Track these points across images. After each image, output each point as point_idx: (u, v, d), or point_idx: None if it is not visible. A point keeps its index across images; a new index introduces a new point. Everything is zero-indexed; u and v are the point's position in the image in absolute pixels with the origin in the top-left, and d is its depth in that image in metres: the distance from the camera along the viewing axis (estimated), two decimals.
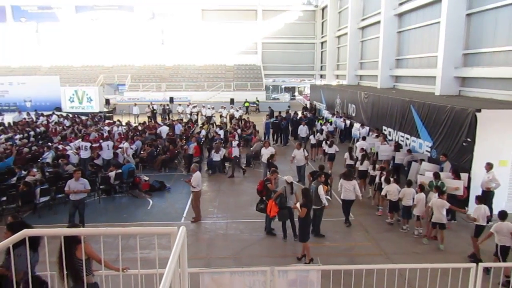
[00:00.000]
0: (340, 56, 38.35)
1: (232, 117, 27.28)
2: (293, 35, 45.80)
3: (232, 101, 34.45)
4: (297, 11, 45.49)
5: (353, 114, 22.17)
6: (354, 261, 8.42)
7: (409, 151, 13.50)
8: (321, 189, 9.44)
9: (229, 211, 11.59)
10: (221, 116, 28.04)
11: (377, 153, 14.93)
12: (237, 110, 27.93)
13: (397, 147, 14.19)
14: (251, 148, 17.67)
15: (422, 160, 12.59)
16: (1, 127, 22.32)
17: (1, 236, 4.88)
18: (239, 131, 20.48)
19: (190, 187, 10.71)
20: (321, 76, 45.77)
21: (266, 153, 14.26)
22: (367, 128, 18.43)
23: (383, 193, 10.55)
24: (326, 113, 26.65)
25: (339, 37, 37.96)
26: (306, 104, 38.13)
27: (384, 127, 17.43)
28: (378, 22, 25.77)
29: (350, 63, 32.42)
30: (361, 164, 13.15)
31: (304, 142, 18.46)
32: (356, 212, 11.29)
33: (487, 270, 6.36)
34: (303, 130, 19.62)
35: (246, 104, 33.61)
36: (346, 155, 14.02)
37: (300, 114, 25.56)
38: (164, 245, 8.06)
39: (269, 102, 38.09)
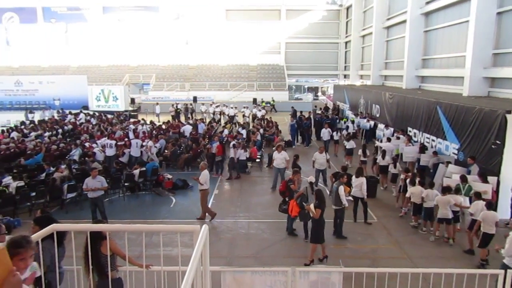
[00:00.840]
0: (364, 56, 37.85)
1: (254, 116, 27.33)
2: (316, 35, 45.47)
3: (254, 100, 34.52)
4: (321, 11, 45.14)
5: (377, 115, 21.85)
6: (377, 264, 8.30)
7: (435, 153, 13.20)
8: (341, 190, 9.37)
9: (250, 210, 11.62)
10: (243, 115, 28.12)
11: (401, 155, 14.68)
12: (260, 110, 27.95)
13: (422, 148, 13.90)
14: (273, 148, 17.63)
15: (448, 162, 12.28)
16: (31, 125, 23.07)
17: (30, 230, 5.04)
18: (261, 130, 20.49)
19: (198, 185, 10.79)
20: (345, 76, 45.29)
21: (278, 158, 13.39)
22: (392, 129, 18.12)
23: (407, 194, 10.39)
24: (349, 114, 26.38)
25: (363, 36, 37.46)
26: (326, 104, 37.83)
27: (409, 128, 17.10)
28: (404, 21, 25.30)
29: (375, 63, 31.96)
30: (383, 159, 13.15)
31: (326, 145, 17.72)
32: (379, 214, 11.13)
33: None
34: (325, 133, 18.81)
35: (262, 104, 33.52)
36: (360, 151, 14.83)
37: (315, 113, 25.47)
38: (186, 243, 8.15)
39: (291, 102, 37.97)
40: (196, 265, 2.83)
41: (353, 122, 22.17)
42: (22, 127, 22.45)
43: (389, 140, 15.76)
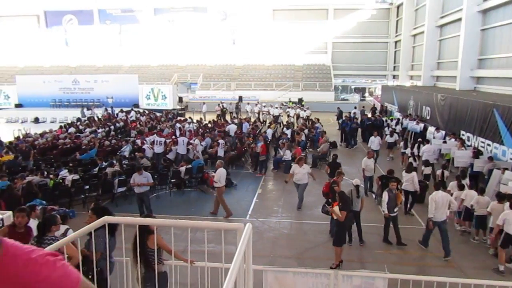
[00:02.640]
0: (415, 55, 36.54)
1: (298, 116, 27.18)
2: (365, 34, 44.45)
3: (300, 101, 34.31)
4: (370, 10, 44.01)
5: (428, 117, 21.01)
6: (424, 272, 7.99)
7: (490, 158, 12.48)
8: (385, 196, 9.08)
9: (293, 211, 11.57)
10: (288, 115, 28.05)
11: (452, 159, 14.03)
12: (304, 110, 27.74)
13: (476, 153, 13.20)
14: (318, 149, 17.48)
15: (505, 169, 11.55)
16: (86, 121, 24.34)
17: (83, 220, 5.33)
18: (306, 131, 20.35)
19: (214, 184, 11.05)
20: (394, 76, 43.94)
21: (300, 172, 11.59)
22: (443, 132, 17.35)
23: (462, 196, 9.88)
24: (398, 115, 25.58)
25: (414, 36, 36.16)
26: (374, 105, 36.87)
27: (462, 132, 16.30)
28: (459, 19, 24.15)
29: (426, 63, 30.76)
30: (425, 166, 12.93)
31: (376, 154, 16.06)
32: None
33: None
34: (375, 142, 16.83)
35: (290, 104, 33.14)
36: (401, 144, 15.87)
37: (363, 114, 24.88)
38: (229, 241, 8.25)
39: (337, 103, 37.34)
40: (239, 263, 2.86)
41: (398, 120, 21.64)
42: (78, 123, 23.74)
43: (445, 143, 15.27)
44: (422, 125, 19.99)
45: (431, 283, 5.11)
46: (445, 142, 15.55)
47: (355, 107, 29.14)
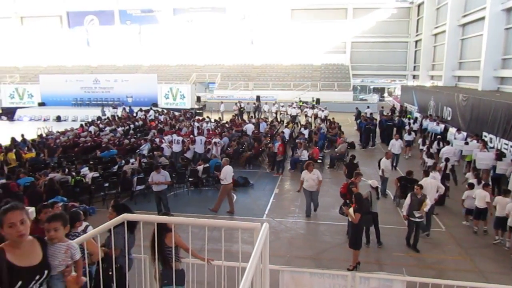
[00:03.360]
0: (436, 55, 35.89)
1: (316, 116, 27.04)
2: (384, 34, 43.88)
3: (318, 101, 34.13)
4: (390, 9, 43.46)
5: (449, 118, 20.61)
6: (443, 276, 7.84)
7: None
8: (408, 200, 8.92)
9: (310, 211, 11.51)
10: (306, 115, 27.94)
11: (474, 161, 13.73)
12: (322, 110, 27.58)
13: (500, 155, 12.88)
14: (336, 150, 17.36)
15: None
16: (106, 120, 24.76)
17: (104, 217, 5.42)
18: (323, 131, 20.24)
19: (221, 181, 11.23)
20: (414, 76, 43.25)
21: (310, 178, 10.78)
22: (464, 133, 16.99)
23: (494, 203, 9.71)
24: (417, 115, 25.19)
25: (435, 35, 35.52)
26: (393, 105, 36.40)
27: (484, 133, 15.94)
28: (482, 18, 23.62)
29: (447, 63, 30.18)
30: (446, 165, 12.72)
31: (397, 159, 15.73)
32: (448, 223, 10.51)
33: None
34: (396, 146, 15.74)
35: (300, 103, 32.90)
36: (420, 141, 15.97)
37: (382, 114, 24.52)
38: (246, 240, 8.28)
39: (355, 103, 36.97)
40: (256, 262, 2.87)
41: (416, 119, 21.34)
42: (98, 122, 24.17)
43: (467, 144, 14.97)
44: (442, 126, 19.63)
45: (451, 287, 5.02)
46: (467, 143, 15.25)
47: (368, 107, 28.87)
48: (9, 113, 33.16)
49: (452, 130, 18.30)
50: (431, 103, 24.37)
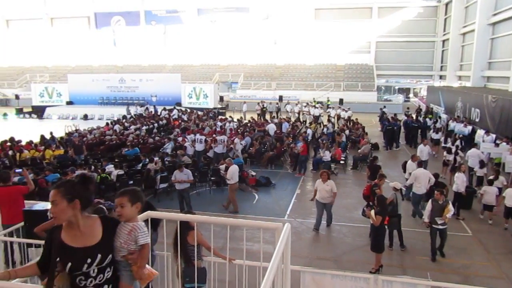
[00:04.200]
0: (464, 55, 35.00)
1: (339, 117, 26.78)
2: (410, 33, 43.06)
3: (341, 101, 33.78)
4: (417, 8, 42.65)
5: (477, 120, 20.05)
6: (469, 282, 7.63)
7: None
8: (429, 206, 8.66)
9: (332, 212, 11.40)
10: (329, 116, 27.70)
11: (503, 164, 13.32)
12: (346, 111, 27.29)
13: None
14: (359, 151, 17.16)
15: None
16: (131, 119, 25.22)
17: None
18: (347, 132, 20.04)
19: (227, 181, 11.37)
20: (441, 77, 42.30)
21: (323, 189, 9.79)
22: (493, 135, 16.48)
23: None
24: (444, 117, 24.60)
25: (464, 34, 34.65)
26: (419, 106, 35.67)
27: None
28: None
29: (476, 63, 29.38)
30: (480, 168, 12.56)
31: (425, 165, 14.05)
32: (475, 227, 10.22)
33: None
34: (424, 152, 14.57)
35: (315, 103, 32.55)
36: (442, 138, 16.01)
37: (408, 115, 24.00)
38: (267, 240, 8.28)
39: (379, 104, 36.41)
40: (277, 262, 2.87)
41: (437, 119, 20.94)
42: (124, 120, 24.64)
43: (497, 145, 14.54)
44: (470, 127, 19.11)
45: None
46: (497, 145, 14.78)
47: (384, 107, 28.46)
48: (39, 112, 34.20)
49: (480, 132, 17.79)
50: (458, 104, 23.76)
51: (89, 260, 2.60)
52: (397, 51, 43.97)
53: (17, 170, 9.46)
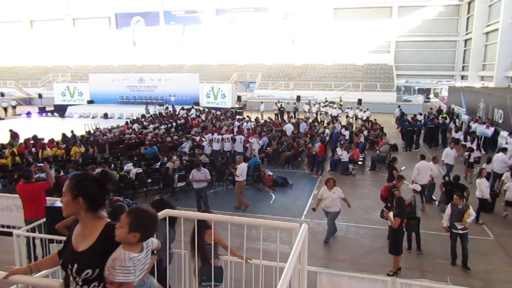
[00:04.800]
0: (487, 55, 34.21)
1: (357, 118, 26.52)
2: (431, 33, 42.29)
3: (359, 101, 33.43)
4: (438, 6, 41.85)
5: (500, 121, 19.55)
6: (490, 287, 7.47)
7: None
8: (448, 210, 8.48)
9: (350, 214, 11.30)
10: (347, 116, 27.47)
11: None
12: (364, 111, 27.01)
13: None
14: (377, 151, 16.97)
15: None
16: (150, 118, 25.52)
17: None
18: (365, 132, 19.83)
19: (236, 178, 11.46)
20: (462, 77, 41.43)
21: (330, 197, 9.17)
22: None
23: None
24: (465, 118, 24.08)
25: (487, 33, 33.86)
26: (439, 107, 35.02)
27: None
28: None
29: (500, 63, 28.71)
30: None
31: (449, 170, 13.62)
32: (497, 231, 9.98)
33: None
34: (450, 155, 13.65)
35: (326, 103, 32.23)
36: (462, 137, 15.50)
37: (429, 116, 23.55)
38: (283, 240, 8.26)
39: (400, 104, 35.85)
40: (294, 263, 2.86)
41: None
42: (142, 119, 24.95)
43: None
44: (492, 129, 18.65)
45: None
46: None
47: (399, 106, 28.09)
48: (61, 110, 34.93)
49: (503, 134, 17.34)
50: (480, 105, 23.21)
51: (69, 266, 2.39)
52: (417, 51, 43.27)
53: (38, 164, 9.67)
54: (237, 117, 26.94)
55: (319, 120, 27.72)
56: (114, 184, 2.53)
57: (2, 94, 40.14)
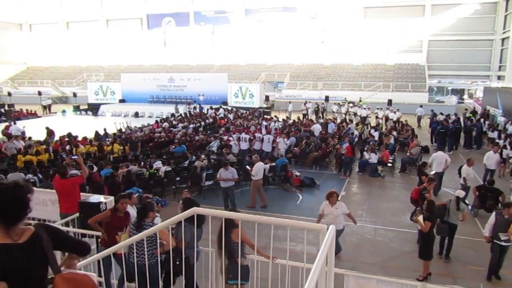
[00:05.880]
0: None
1: (387, 119, 25.99)
2: (466, 31, 40.92)
3: (389, 102, 32.75)
4: (474, 4, 40.46)
5: None
6: None
7: None
8: (492, 218, 8.11)
9: (378, 216, 11.13)
10: (376, 117, 26.98)
11: None
12: (394, 112, 26.44)
13: None
14: (408, 153, 16.59)
15: None
16: (179, 117, 25.92)
17: (174, 210, 5.70)
18: (395, 133, 19.43)
19: (252, 177, 11.54)
20: (499, 77, 39.91)
21: (332, 214, 8.10)
22: None
23: None
24: (502, 120, 23.19)
25: None
26: (474, 108, 33.85)
27: None
28: None
29: None
30: None
31: (491, 174, 12.70)
32: None
33: None
34: (493, 159, 12.84)
35: (346, 103, 31.54)
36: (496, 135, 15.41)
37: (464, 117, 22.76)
38: (310, 241, 8.22)
39: (430, 105, 34.88)
40: (321, 264, 2.85)
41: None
42: (172, 118, 25.37)
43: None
44: None
45: None
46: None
47: (421, 106, 27.33)
48: (94, 109, 35.97)
49: None
50: None
51: None
52: (451, 50, 41.99)
53: (73, 157, 10.05)
54: (265, 116, 26.94)
55: (347, 120, 27.34)
56: (24, 200, 2.23)
57: (40, 93, 41.73)
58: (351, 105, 30.37)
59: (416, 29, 42.61)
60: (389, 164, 15.62)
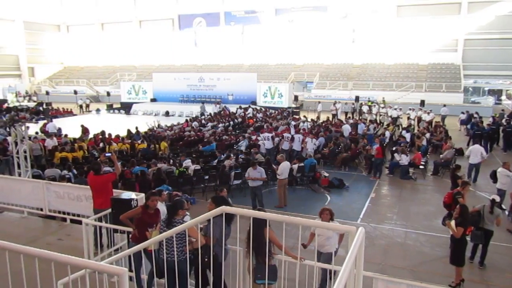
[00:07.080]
0: None
1: (420, 120, 25.31)
2: (505, 29, 39.20)
3: (422, 103, 31.88)
4: None
5: None
6: None
7: None
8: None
9: (409, 219, 10.88)
10: (408, 118, 26.34)
11: None
12: (428, 113, 25.70)
13: None
14: (441, 156, 16.11)
15: None
16: (209, 116, 26.21)
17: (203, 208, 5.76)
18: (427, 135, 18.92)
19: (278, 176, 11.65)
20: None
21: (325, 235, 6.51)
22: None
23: None
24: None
25: None
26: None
27: None
28: None
29: None
30: None
31: None
32: None
33: None
34: None
35: (369, 103, 30.68)
36: None
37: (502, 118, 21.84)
38: None
39: (465, 106, 33.68)
40: (350, 267, 2.82)
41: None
42: (201, 117, 25.68)
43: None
44: None
45: None
46: None
47: (444, 105, 26.39)
48: (127, 108, 36.89)
49: None
50: None
51: None
52: (488, 49, 40.39)
53: (106, 154, 10.34)
54: (294, 116, 26.82)
55: (378, 121, 26.86)
56: None
57: (75, 92, 43.19)
58: (382, 105, 29.81)
59: (452, 28, 41.24)
60: (421, 167, 15.23)
